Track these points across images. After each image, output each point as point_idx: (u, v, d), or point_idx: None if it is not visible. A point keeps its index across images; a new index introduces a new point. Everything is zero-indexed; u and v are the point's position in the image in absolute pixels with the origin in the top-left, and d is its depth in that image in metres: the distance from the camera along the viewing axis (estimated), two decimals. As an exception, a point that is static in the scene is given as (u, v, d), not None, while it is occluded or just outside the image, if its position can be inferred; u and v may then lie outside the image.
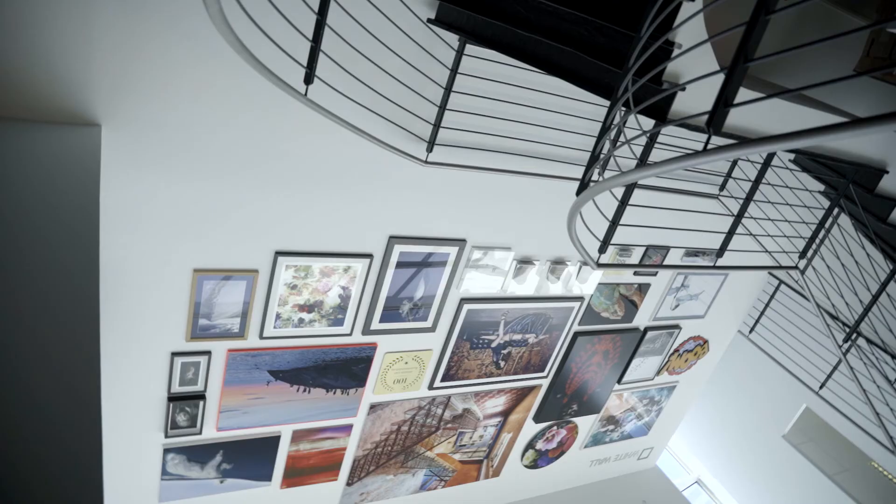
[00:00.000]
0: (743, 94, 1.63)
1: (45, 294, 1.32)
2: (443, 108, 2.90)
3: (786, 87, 2.94)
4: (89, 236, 1.59)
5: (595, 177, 2.22)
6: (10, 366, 1.10)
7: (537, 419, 5.03)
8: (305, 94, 2.24)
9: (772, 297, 5.61)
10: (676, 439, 7.42)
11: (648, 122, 3.19)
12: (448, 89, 2.86)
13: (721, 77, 1.24)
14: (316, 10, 2.09)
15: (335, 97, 2.51)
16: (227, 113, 2.59)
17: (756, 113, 2.08)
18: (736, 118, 2.00)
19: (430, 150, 3.02)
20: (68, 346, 1.21)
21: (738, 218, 3.22)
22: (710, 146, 3.36)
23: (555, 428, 5.28)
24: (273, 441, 3.80)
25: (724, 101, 1.23)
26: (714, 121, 1.26)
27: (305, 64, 2.19)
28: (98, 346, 1.26)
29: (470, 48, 2.83)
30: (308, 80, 2.21)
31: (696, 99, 1.86)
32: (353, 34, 2.41)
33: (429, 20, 2.60)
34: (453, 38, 2.78)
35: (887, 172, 3.22)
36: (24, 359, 1.13)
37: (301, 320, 3.39)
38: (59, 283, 1.37)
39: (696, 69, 1.83)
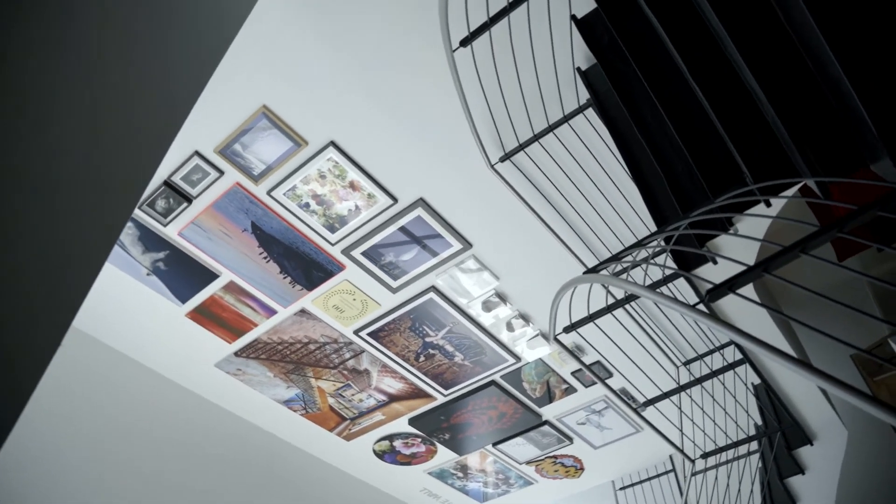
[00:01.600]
0: (748, 290, 1.89)
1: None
2: (536, 139, 3.15)
3: (781, 311, 3.22)
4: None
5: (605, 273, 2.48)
6: None
7: (412, 422, 5.28)
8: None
9: (658, 475, 5.88)
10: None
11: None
12: (551, 127, 3.12)
13: (742, 267, 1.50)
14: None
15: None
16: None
17: (748, 313, 2.35)
18: (732, 308, 2.27)
19: (502, 160, 3.27)
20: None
21: (679, 390, 3.48)
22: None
23: (419, 440, 5.53)
24: (210, 276, 4.03)
25: (731, 285, 1.49)
26: (713, 294, 1.52)
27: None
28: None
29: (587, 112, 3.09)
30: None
31: (716, 269, 2.12)
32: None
33: (578, 69, 2.85)
34: (582, 90, 3.03)
35: (811, 444, 3.50)
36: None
37: (307, 205, 3.62)
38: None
39: (734, 248, 2.09)
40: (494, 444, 5.55)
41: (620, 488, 6.13)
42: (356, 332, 4.46)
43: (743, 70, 1.71)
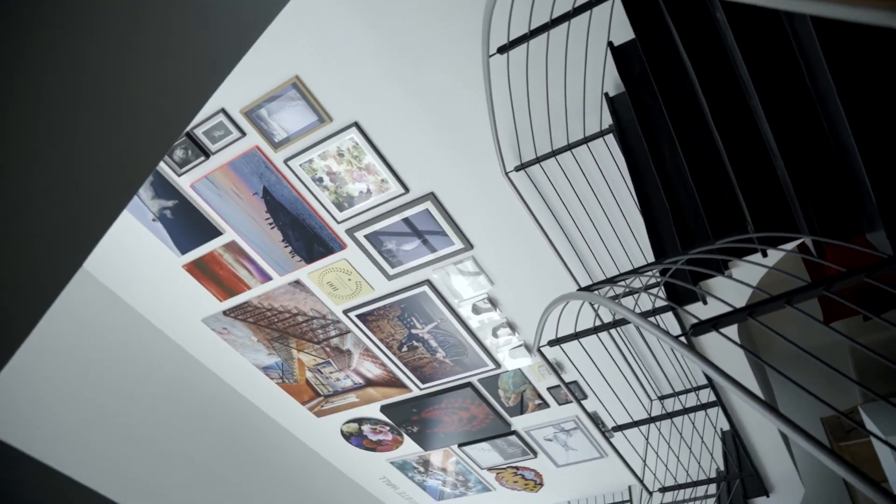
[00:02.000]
0: (731, 332, 1.96)
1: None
2: (553, 155, 3.22)
3: (758, 355, 3.30)
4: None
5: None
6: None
7: (384, 409, 5.34)
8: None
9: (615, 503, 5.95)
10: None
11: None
12: (570, 146, 3.18)
13: (729, 308, 1.56)
14: None
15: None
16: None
17: (728, 357, 2.42)
18: (714, 351, 2.33)
19: (517, 170, 3.34)
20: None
21: (650, 421, 3.55)
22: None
23: (387, 428, 5.59)
24: (214, 232, 4.09)
25: (715, 323, 1.55)
26: (697, 328, 1.58)
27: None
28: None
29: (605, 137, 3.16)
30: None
31: (704, 309, 2.19)
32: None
33: (606, 94, 2.92)
34: (606, 116, 3.10)
35: (767, 496, 3.58)
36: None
37: (320, 180, 3.69)
38: None
39: (725, 291, 2.16)
40: (460, 445, 5.61)
41: (574, 509, 6.20)
42: (345, 312, 4.52)
43: (762, 121, 1.77)
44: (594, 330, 2.70)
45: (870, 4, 0.69)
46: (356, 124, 3.42)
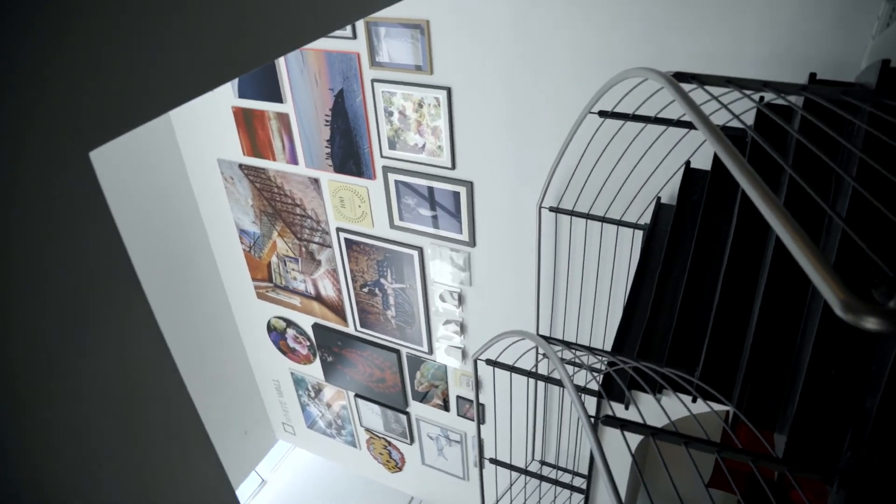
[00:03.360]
0: (633, 439, 2.21)
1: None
2: (586, 217, 3.45)
3: (642, 472, 3.57)
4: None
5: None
6: None
7: (315, 327, 5.58)
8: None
9: (448, 521, 6.25)
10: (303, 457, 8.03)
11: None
12: (604, 219, 3.42)
13: (640, 421, 1.81)
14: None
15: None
16: None
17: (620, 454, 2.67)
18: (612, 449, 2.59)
19: (550, 210, 3.57)
20: None
21: (522, 472, 3.82)
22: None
23: (308, 344, 5.84)
24: (278, 96, 4.28)
25: (623, 424, 1.80)
26: (607, 420, 1.83)
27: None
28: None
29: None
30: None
31: (623, 411, 2.44)
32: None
33: (658, 197, 3.15)
34: (647, 215, 3.33)
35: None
36: None
37: (390, 114, 3.90)
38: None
39: (648, 406, 2.41)
40: (356, 395, 5.87)
41: (413, 507, 6.51)
42: (338, 230, 4.74)
43: (756, 305, 2.02)
44: (529, 373, 2.94)
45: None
46: (449, 89, 3.63)
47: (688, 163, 2.94)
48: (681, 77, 1.69)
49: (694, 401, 2.29)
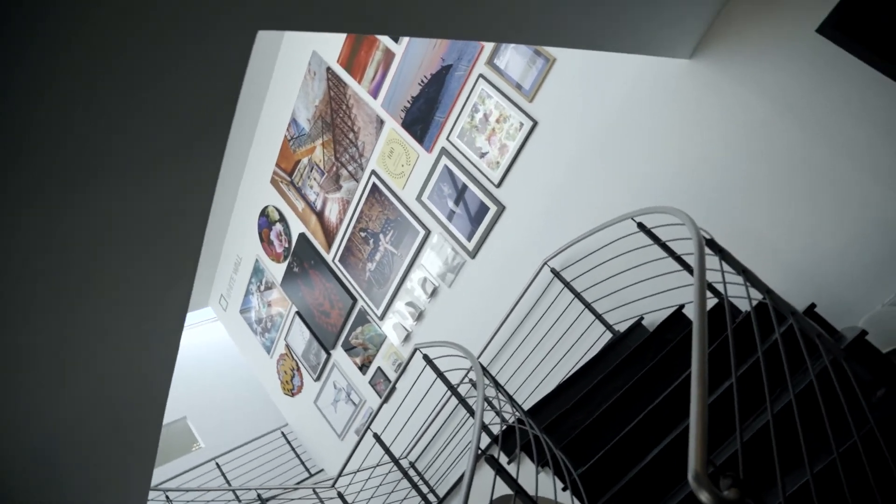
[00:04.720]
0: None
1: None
2: (575, 296, 3.68)
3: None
4: None
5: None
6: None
7: (300, 237, 5.81)
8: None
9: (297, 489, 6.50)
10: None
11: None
12: (587, 306, 3.65)
13: (514, 479, 2.05)
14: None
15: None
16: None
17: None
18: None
19: (551, 271, 3.79)
20: None
21: (393, 459, 4.05)
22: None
23: (286, 246, 6.05)
24: (396, 38, 4.49)
25: (499, 470, 2.04)
26: (489, 460, 2.07)
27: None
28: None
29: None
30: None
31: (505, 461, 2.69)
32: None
33: (641, 318, 3.39)
34: (628, 322, 3.57)
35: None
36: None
37: (476, 111, 4.12)
38: None
39: (526, 477, 2.66)
40: (297, 313, 6.10)
41: (282, 431, 6.76)
42: (373, 172, 4.96)
43: (656, 449, 2.26)
44: (452, 387, 3.18)
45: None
46: (536, 123, 3.85)
47: (681, 306, 3.17)
48: (711, 244, 1.92)
49: (564, 490, 2.54)
